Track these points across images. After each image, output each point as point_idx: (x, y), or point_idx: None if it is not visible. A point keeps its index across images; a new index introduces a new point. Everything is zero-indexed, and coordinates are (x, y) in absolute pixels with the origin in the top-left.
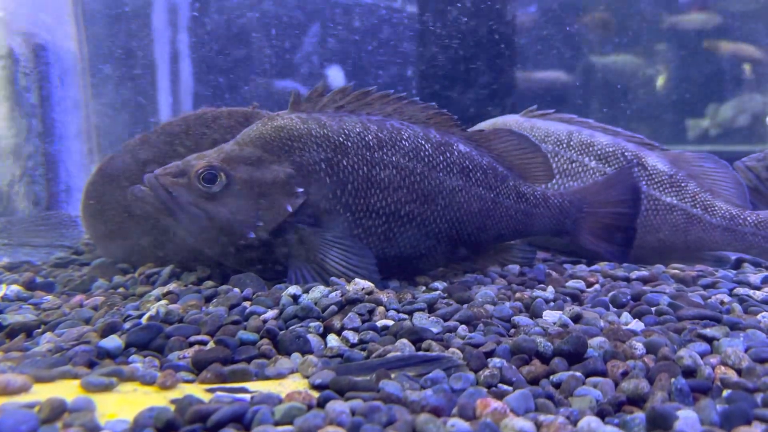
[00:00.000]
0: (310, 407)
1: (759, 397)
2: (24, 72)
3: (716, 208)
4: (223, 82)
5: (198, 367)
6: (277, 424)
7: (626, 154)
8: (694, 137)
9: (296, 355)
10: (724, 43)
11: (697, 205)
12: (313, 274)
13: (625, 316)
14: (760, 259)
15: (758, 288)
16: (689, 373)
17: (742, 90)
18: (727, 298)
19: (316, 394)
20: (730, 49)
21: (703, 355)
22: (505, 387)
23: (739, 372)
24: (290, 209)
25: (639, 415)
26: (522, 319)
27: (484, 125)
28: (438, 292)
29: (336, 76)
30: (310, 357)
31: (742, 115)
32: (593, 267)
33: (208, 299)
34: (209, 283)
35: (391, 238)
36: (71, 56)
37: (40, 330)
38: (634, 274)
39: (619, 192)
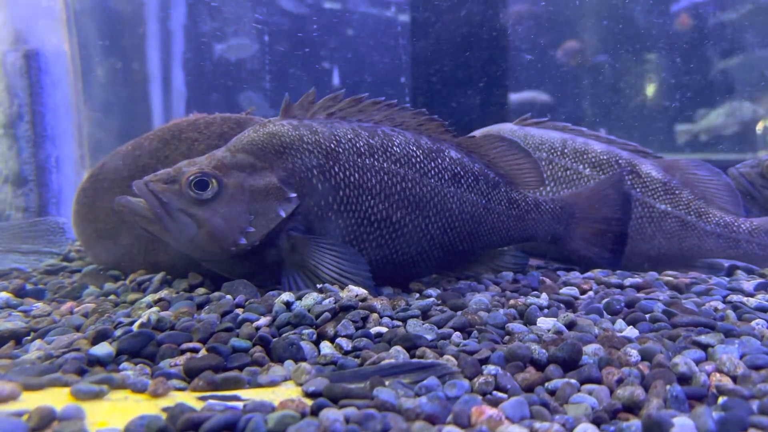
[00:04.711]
0: (303, 415)
1: (755, 404)
2: (15, 77)
3: (710, 215)
4: None
5: (190, 374)
6: None
7: (620, 161)
8: (683, 144)
9: (289, 363)
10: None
11: (692, 213)
12: (306, 281)
13: (620, 323)
14: (753, 266)
15: (752, 295)
16: (684, 380)
17: (733, 97)
18: (720, 305)
19: (309, 402)
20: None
21: (698, 362)
22: (500, 394)
23: (734, 379)
24: (283, 215)
25: (635, 423)
26: (516, 326)
27: (478, 133)
28: (432, 299)
29: None
30: (304, 364)
31: (732, 123)
32: (587, 274)
33: (200, 306)
34: (201, 290)
35: (384, 244)
36: (63, 62)
37: (29, 337)
38: (628, 281)
39: (610, 198)
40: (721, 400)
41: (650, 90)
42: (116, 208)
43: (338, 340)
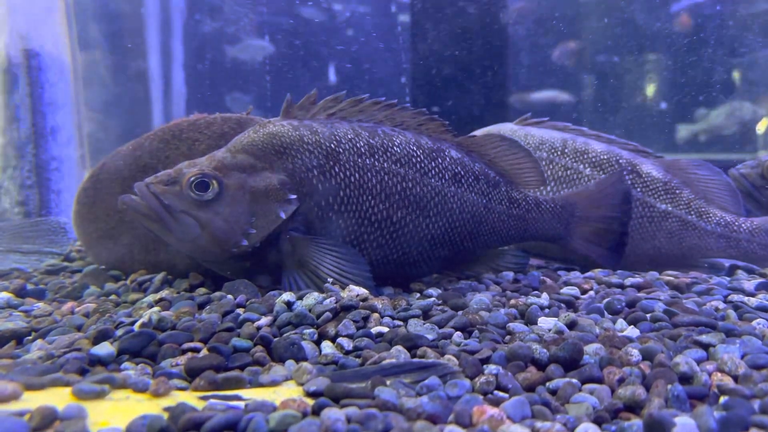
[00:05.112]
0: (304, 415)
1: (756, 404)
2: (16, 77)
3: (711, 215)
4: None
5: (191, 374)
6: None
7: (621, 161)
8: (683, 144)
9: (290, 363)
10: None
11: (692, 212)
12: (307, 281)
13: (620, 322)
14: (754, 265)
15: (752, 295)
16: (686, 379)
17: (733, 97)
18: (721, 305)
19: (310, 402)
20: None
21: (699, 361)
22: (501, 394)
23: (735, 378)
24: (283, 216)
25: (636, 422)
26: (517, 325)
27: (478, 133)
28: (433, 299)
29: None
30: (305, 364)
31: (732, 123)
32: (587, 274)
33: (201, 306)
34: (202, 290)
35: (384, 244)
36: (63, 62)
37: (30, 337)
38: (629, 281)
39: (610, 197)
40: (722, 399)
41: (650, 90)
42: (119, 207)
43: (339, 339)
